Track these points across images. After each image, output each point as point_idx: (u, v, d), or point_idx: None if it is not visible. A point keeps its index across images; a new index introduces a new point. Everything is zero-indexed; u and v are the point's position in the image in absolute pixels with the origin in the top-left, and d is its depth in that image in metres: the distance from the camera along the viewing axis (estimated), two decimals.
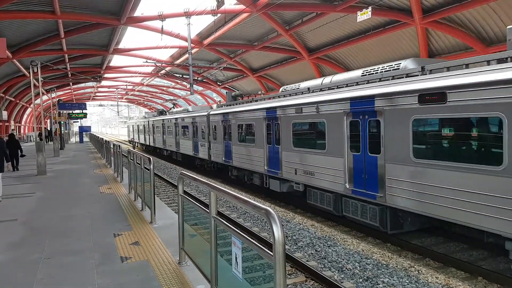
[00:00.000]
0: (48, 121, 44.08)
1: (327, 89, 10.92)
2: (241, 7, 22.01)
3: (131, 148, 24.41)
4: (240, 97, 19.50)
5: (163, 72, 40.69)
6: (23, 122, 58.24)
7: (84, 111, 42.62)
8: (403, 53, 22.60)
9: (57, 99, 40.09)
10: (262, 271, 7.06)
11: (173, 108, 33.89)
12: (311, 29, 23.60)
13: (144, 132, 39.19)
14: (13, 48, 24.12)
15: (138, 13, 23.33)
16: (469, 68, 7.09)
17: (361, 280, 6.86)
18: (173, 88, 56.48)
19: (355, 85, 9.84)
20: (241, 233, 2.88)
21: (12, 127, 46.64)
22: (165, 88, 59.05)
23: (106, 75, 44.55)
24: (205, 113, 19.97)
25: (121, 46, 31.63)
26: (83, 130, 52.65)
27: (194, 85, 29.44)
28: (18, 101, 44.17)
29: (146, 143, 38.03)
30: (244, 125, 15.43)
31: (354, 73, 10.54)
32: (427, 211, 7.48)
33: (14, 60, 25.73)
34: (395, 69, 9.06)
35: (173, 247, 5.47)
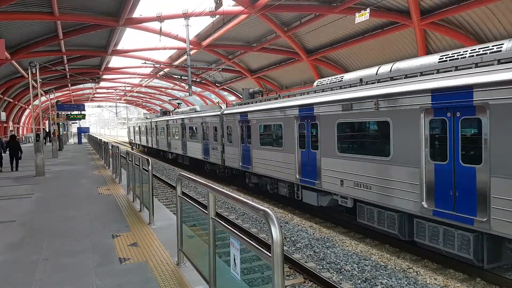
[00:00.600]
0: (47, 122, 43.96)
1: (389, 80, 8.80)
2: (240, 8, 22.03)
3: (130, 150, 24.08)
4: (259, 94, 17.21)
5: (161, 73, 40.69)
6: (21, 123, 58.15)
7: (82, 112, 42.58)
8: (401, 54, 22.66)
9: (56, 100, 40.06)
10: (260, 272, 7.06)
11: (178, 108, 31.89)
12: (309, 30, 23.64)
13: (146, 134, 37.06)
14: (11, 49, 24.10)
15: (136, 14, 23.38)
16: None
17: (359, 281, 6.86)
18: (171, 89, 56.48)
19: (435, 72, 7.77)
20: (240, 234, 2.88)
21: (11, 128, 46.57)
22: (163, 89, 59.06)
23: (104, 76, 44.53)
24: (218, 113, 17.98)
25: (119, 47, 31.64)
26: (82, 131, 52.58)
27: (192, 86, 29.44)
28: (16, 102, 44.12)
29: (148, 145, 36.13)
30: (268, 125, 13.56)
31: (425, 60, 8.70)
32: None
33: (13, 61, 25.73)
34: (494, 51, 7.38)
35: (171, 248, 5.46)
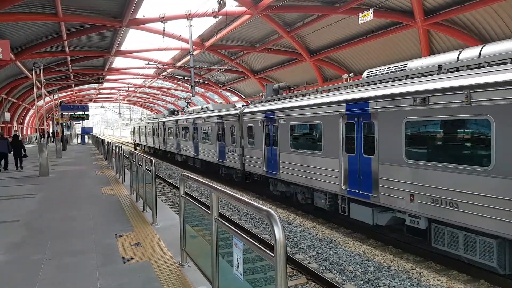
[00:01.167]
0: (50, 122, 44.14)
1: (477, 67, 6.99)
2: (243, 9, 22.05)
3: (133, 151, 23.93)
4: (286, 89, 15.11)
5: (164, 74, 40.78)
6: (25, 124, 58.41)
7: (86, 112, 42.75)
8: (404, 55, 22.60)
9: (59, 101, 40.23)
10: (263, 273, 7.06)
11: (187, 107, 29.73)
12: (312, 31, 23.63)
13: (152, 134, 34.97)
14: (16, 50, 24.24)
15: (140, 15, 23.47)
16: None
17: (362, 282, 6.85)
18: (174, 90, 56.61)
19: None
20: (242, 235, 2.89)
21: (15, 128, 46.80)
22: (166, 90, 59.21)
23: (108, 77, 44.70)
24: (237, 111, 16.04)
25: (123, 48, 31.76)
26: (85, 131, 52.79)
27: (195, 87, 29.47)
28: (20, 103, 44.35)
29: (155, 146, 34.02)
30: (302, 125, 11.66)
31: None
32: None
33: (17, 62, 25.88)
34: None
35: (174, 248, 5.48)
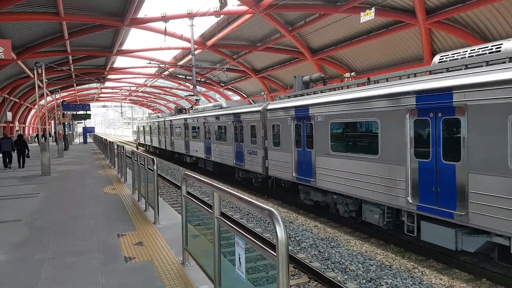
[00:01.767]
0: (52, 122, 44.27)
1: None
2: (244, 8, 22.04)
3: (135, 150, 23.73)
4: (321, 82, 13.00)
5: (166, 73, 40.80)
6: (27, 123, 58.54)
7: (87, 112, 42.84)
8: (406, 54, 22.57)
9: (61, 100, 40.32)
10: (265, 272, 7.06)
11: (196, 105, 27.71)
12: (314, 30, 23.61)
13: (158, 134, 33.31)
14: (17, 49, 24.29)
15: (141, 14, 23.49)
16: None
17: (364, 281, 6.85)
18: (176, 89, 56.66)
19: None
20: (244, 234, 2.89)
21: (17, 128, 46.91)
22: (168, 89, 59.26)
23: (109, 76, 44.76)
24: (258, 108, 14.45)
25: (124, 47, 31.80)
26: (87, 131, 52.85)
27: (197, 86, 29.47)
28: (22, 102, 44.44)
29: (161, 146, 32.31)
30: (348, 123, 9.66)
31: None
32: None
33: (19, 61, 25.93)
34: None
35: (176, 247, 5.48)
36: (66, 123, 38.16)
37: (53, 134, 42.50)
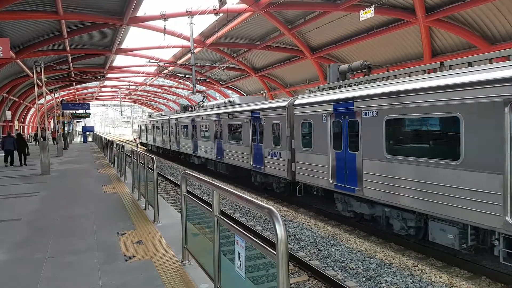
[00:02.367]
0: (52, 121, 44.25)
1: None
2: (244, 6, 22.01)
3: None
4: (364, 71, 10.91)
5: (165, 72, 40.75)
6: (26, 122, 58.49)
7: (87, 111, 42.81)
8: (406, 52, 22.55)
9: (61, 99, 40.31)
10: (265, 270, 7.07)
11: (203, 102, 25.84)
12: (313, 28, 23.56)
13: (161, 133, 31.52)
14: (16, 48, 24.23)
15: (140, 13, 23.41)
16: None
17: (364, 279, 6.85)
18: (176, 87, 56.60)
19: None
20: (244, 232, 2.89)
21: (16, 127, 46.87)
22: (168, 88, 59.21)
23: (109, 75, 44.68)
24: (283, 104, 12.76)
25: (124, 46, 31.73)
26: (87, 130, 52.83)
27: (196, 85, 29.43)
28: (21, 101, 44.39)
29: (165, 146, 30.47)
30: (412, 120, 7.90)
31: None
32: None
33: (18, 60, 25.87)
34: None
35: (176, 246, 5.48)
36: (65, 122, 38.11)
37: (49, 134, 42.52)
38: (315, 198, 13.02)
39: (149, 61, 30.16)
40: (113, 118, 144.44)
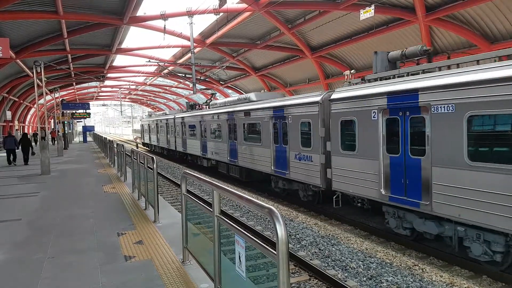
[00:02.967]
0: (52, 120, 44.27)
1: None
2: (244, 5, 21.99)
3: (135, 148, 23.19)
4: (425, 56, 9.17)
5: (166, 71, 40.75)
6: (26, 122, 58.50)
7: (87, 111, 42.80)
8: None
9: (61, 99, 40.31)
10: (265, 270, 7.06)
11: (211, 100, 24.26)
12: (313, 27, 23.55)
13: (166, 133, 30.15)
14: (16, 48, 24.22)
15: (140, 12, 23.40)
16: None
17: (365, 279, 6.85)
18: (176, 87, 56.59)
19: None
20: (245, 232, 2.88)
21: (16, 127, 46.88)
22: (168, 88, 59.20)
23: (109, 75, 44.68)
24: (316, 99, 11.10)
25: (124, 45, 31.71)
26: (87, 129, 52.84)
27: (196, 84, 29.43)
28: (22, 101, 44.39)
29: (170, 147, 29.11)
30: None
31: None
32: None
33: (18, 60, 25.86)
34: None
35: (176, 246, 5.47)
36: (65, 122, 38.12)
37: (48, 134, 42.49)
38: (351, 209, 11.26)
39: (149, 61, 30.14)
40: (113, 118, 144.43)
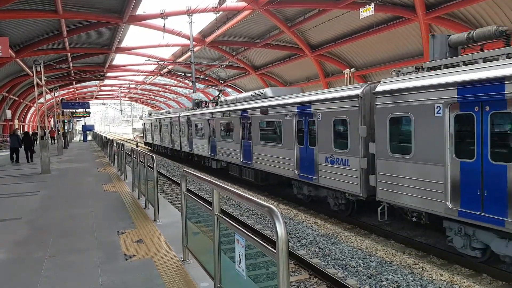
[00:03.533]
0: (52, 120, 44.26)
1: None
2: (243, 4, 21.96)
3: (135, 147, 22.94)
4: (488, 42, 7.87)
5: (165, 70, 40.71)
6: (26, 121, 58.48)
7: (87, 110, 42.76)
8: (406, 50, 22.50)
9: (61, 98, 40.30)
10: (265, 269, 7.06)
11: (219, 98, 23.03)
12: (313, 25, 23.52)
13: (170, 132, 28.82)
14: (16, 47, 24.20)
15: (140, 11, 23.38)
16: None
17: (364, 277, 6.85)
18: (175, 86, 56.56)
19: None
20: (244, 231, 2.88)
21: (16, 126, 46.87)
22: (167, 87, 59.17)
23: (109, 74, 44.63)
24: (356, 92, 9.52)
25: (123, 44, 31.68)
26: (87, 128, 52.80)
27: (196, 83, 29.41)
28: (21, 101, 44.37)
29: (175, 147, 27.74)
30: None
31: None
32: None
33: (17, 59, 25.83)
34: None
35: (176, 245, 5.48)
36: (65, 121, 38.12)
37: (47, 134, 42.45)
38: (410, 224, 9.55)
39: (149, 60, 30.11)
40: (113, 117, 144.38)
